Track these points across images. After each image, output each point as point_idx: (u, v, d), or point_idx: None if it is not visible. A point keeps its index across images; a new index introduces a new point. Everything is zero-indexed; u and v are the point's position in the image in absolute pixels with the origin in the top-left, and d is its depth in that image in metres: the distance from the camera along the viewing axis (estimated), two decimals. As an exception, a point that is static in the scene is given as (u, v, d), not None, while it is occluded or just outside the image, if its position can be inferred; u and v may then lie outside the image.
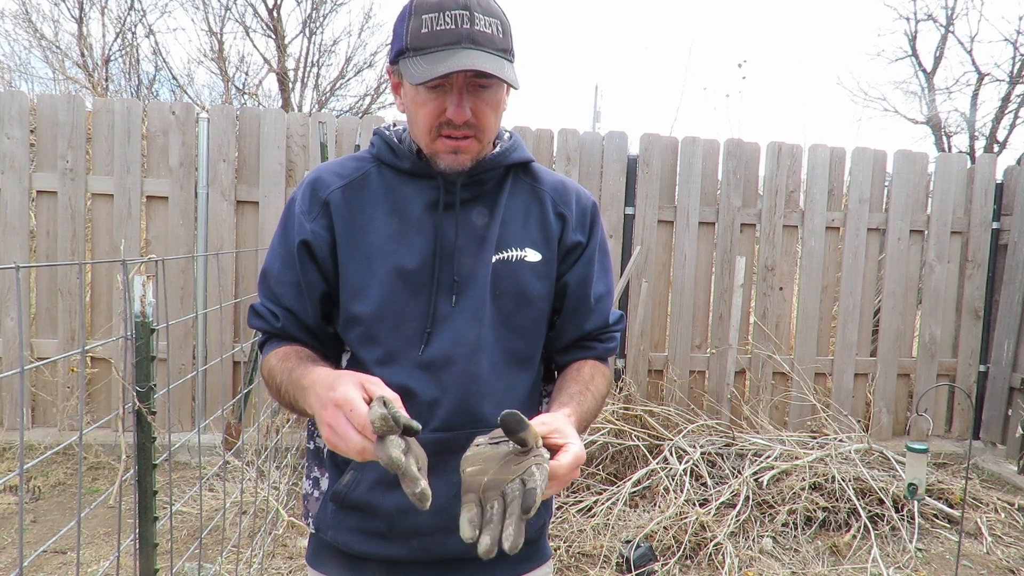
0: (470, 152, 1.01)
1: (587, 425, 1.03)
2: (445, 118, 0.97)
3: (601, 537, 2.92)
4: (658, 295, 4.24)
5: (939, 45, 9.44)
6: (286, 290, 1.05)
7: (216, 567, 2.49)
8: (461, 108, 0.96)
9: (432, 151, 1.02)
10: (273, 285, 1.06)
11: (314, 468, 1.11)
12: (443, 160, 1.01)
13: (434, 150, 1.01)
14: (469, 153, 1.01)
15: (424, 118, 0.99)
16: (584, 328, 1.12)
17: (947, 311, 4.46)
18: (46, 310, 3.83)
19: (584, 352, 1.13)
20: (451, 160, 1.01)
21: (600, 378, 1.11)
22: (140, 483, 1.59)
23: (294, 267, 1.04)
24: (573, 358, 1.13)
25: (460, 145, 0.99)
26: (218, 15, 9.90)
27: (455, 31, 0.93)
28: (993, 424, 4.34)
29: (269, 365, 1.04)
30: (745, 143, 4.24)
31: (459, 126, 0.98)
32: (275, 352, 1.05)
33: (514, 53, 1.02)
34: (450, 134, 0.99)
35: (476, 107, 0.98)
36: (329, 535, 1.07)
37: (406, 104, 1.03)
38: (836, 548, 3.03)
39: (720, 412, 4.00)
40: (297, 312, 1.05)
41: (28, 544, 2.82)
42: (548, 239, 1.08)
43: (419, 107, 0.99)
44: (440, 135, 0.99)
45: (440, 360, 1.01)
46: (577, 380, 1.08)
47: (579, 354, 1.13)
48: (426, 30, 0.94)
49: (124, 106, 3.78)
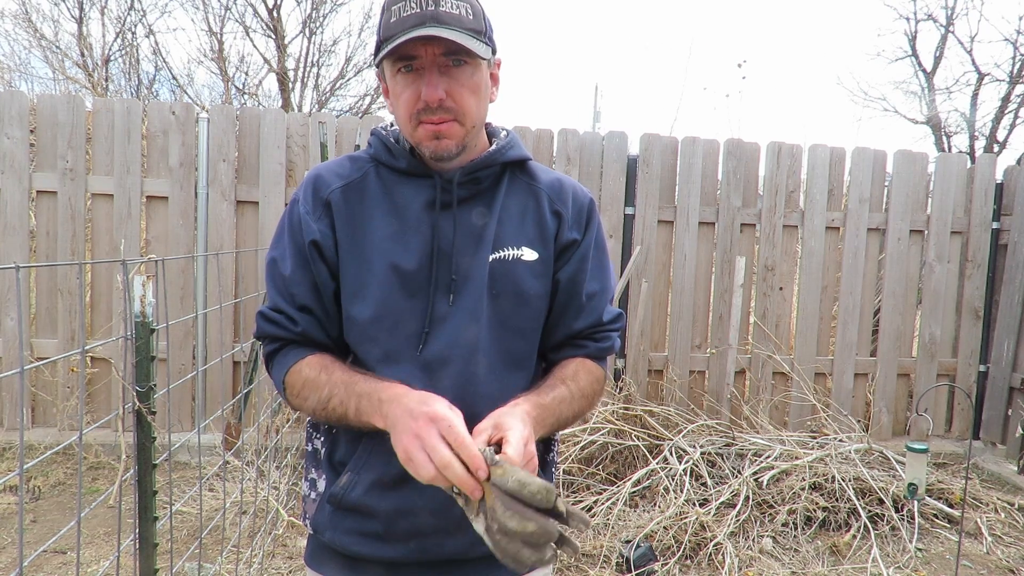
0: (452, 137, 1.00)
1: (556, 417, 1.01)
2: (421, 103, 0.97)
3: (601, 537, 2.92)
4: (658, 295, 4.24)
5: (939, 45, 9.44)
6: (302, 290, 1.03)
7: (216, 567, 2.49)
8: (433, 87, 0.96)
9: (416, 141, 1.01)
10: (288, 286, 1.03)
11: (311, 470, 1.11)
12: (427, 148, 1.00)
13: (417, 139, 1.01)
14: (452, 138, 1.00)
15: (403, 107, 0.99)
16: (574, 326, 1.10)
17: (947, 311, 4.46)
18: (46, 310, 3.83)
19: (575, 350, 1.11)
20: (434, 146, 0.99)
21: (585, 374, 1.09)
22: (140, 483, 1.59)
23: (307, 267, 1.03)
24: (564, 356, 1.11)
25: (440, 129, 0.98)
26: (218, 15, 9.89)
27: (419, 13, 0.94)
28: (993, 424, 4.34)
29: (303, 377, 1.00)
30: (745, 143, 4.24)
31: (435, 109, 0.97)
32: (305, 362, 1.02)
33: (491, 37, 1.02)
34: (428, 119, 0.98)
35: (451, 88, 0.97)
36: (327, 537, 1.07)
37: (390, 99, 1.03)
38: (836, 548, 3.03)
39: (720, 412, 4.00)
40: (316, 312, 1.03)
41: (28, 544, 2.82)
42: (544, 238, 1.08)
43: (398, 97, 1.00)
44: (420, 122, 0.99)
45: (438, 360, 1.01)
46: (554, 375, 1.07)
47: (570, 352, 1.11)
48: (394, 19, 0.96)
49: (124, 106, 3.78)
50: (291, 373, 1.03)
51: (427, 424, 0.83)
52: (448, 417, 0.83)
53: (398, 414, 0.87)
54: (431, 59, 0.96)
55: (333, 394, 0.96)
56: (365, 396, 0.93)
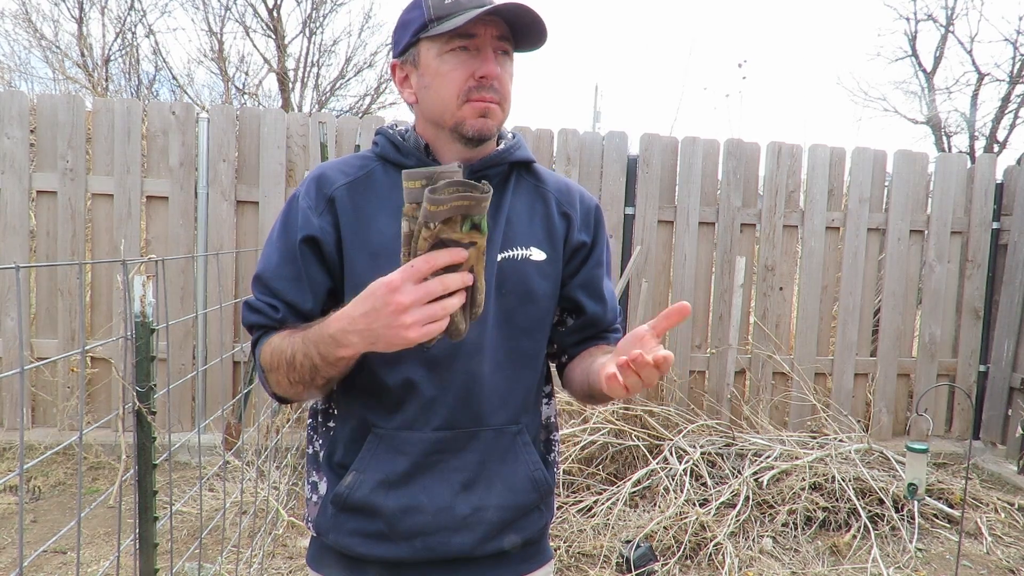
0: (495, 119, 1.00)
1: None
2: (475, 80, 0.97)
3: (601, 537, 2.92)
4: (658, 295, 4.23)
5: (939, 45, 9.45)
6: (285, 284, 1.02)
7: (216, 567, 2.49)
8: (492, 63, 0.97)
9: (458, 119, 1.00)
10: (271, 280, 1.02)
11: (312, 472, 1.11)
12: (471, 126, 0.99)
13: (461, 117, 0.99)
14: (495, 120, 1.00)
15: (451, 84, 0.98)
16: (601, 326, 1.15)
17: (947, 311, 4.46)
18: (46, 310, 3.83)
19: (599, 341, 1.16)
20: (480, 125, 0.99)
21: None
22: (140, 483, 1.59)
23: (295, 262, 1.01)
24: (586, 347, 1.15)
25: (490, 107, 0.98)
26: (218, 15, 9.90)
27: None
28: (993, 424, 4.34)
29: (271, 346, 0.98)
30: (745, 143, 4.24)
31: (488, 87, 0.97)
32: (275, 335, 0.99)
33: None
34: (480, 96, 0.98)
35: (500, 74, 0.98)
36: (330, 538, 1.06)
37: (425, 82, 1.01)
38: (836, 548, 3.03)
39: (720, 412, 4.00)
40: (298, 305, 1.02)
41: (28, 544, 2.82)
42: (553, 238, 1.09)
43: (445, 75, 0.98)
44: (469, 99, 0.98)
45: (443, 358, 1.00)
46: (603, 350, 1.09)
47: (594, 343, 1.15)
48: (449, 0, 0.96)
49: (124, 106, 3.78)
50: (263, 352, 1.00)
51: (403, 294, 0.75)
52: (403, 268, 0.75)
53: (370, 327, 0.80)
54: (488, 39, 0.97)
55: (295, 351, 0.92)
56: (317, 337, 0.89)
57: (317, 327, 0.90)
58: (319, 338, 0.88)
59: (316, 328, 0.90)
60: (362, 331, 0.81)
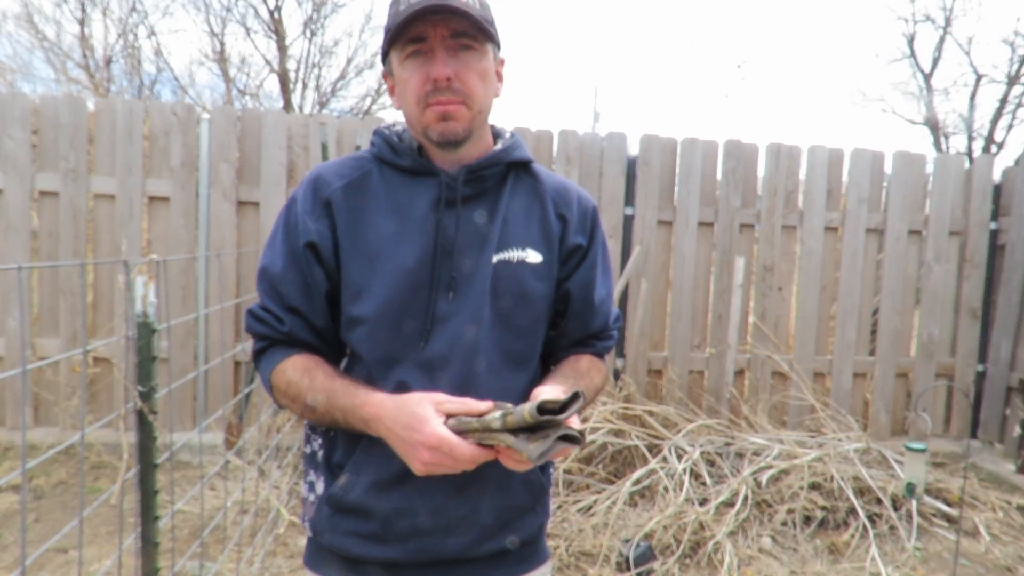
0: (460, 119, 1.00)
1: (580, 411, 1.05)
2: (429, 84, 0.98)
3: (601, 536, 2.93)
4: (657, 295, 4.25)
5: (937, 46, 9.47)
6: (292, 290, 1.02)
7: (217, 566, 2.50)
8: (442, 64, 0.97)
9: (424, 125, 1.01)
10: (277, 285, 1.03)
11: (310, 472, 1.11)
12: (434, 131, 1.00)
13: (425, 123, 1.01)
14: (459, 120, 1.00)
15: (411, 92, 1.00)
16: (588, 331, 1.15)
17: (945, 311, 4.47)
18: (48, 310, 3.84)
19: (584, 348, 1.16)
20: (442, 128, 1.00)
21: (596, 372, 1.15)
22: (142, 482, 1.60)
23: (299, 267, 1.02)
24: (571, 353, 1.16)
25: (448, 110, 0.99)
26: (219, 16, 9.93)
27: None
28: (991, 423, 4.35)
29: (286, 378, 1.02)
30: (744, 144, 4.25)
31: (443, 89, 0.98)
32: (290, 363, 1.02)
33: (495, 29, 1.04)
34: (437, 100, 0.98)
35: (459, 70, 0.98)
36: (326, 539, 1.06)
37: (398, 91, 1.04)
38: (835, 547, 3.04)
39: (719, 412, 4.01)
40: (305, 313, 1.03)
41: (30, 543, 2.83)
42: (549, 240, 1.08)
43: (406, 82, 1.01)
44: (428, 104, 0.99)
45: (438, 359, 1.01)
46: (575, 369, 1.11)
47: (578, 350, 1.16)
48: (403, 6, 0.97)
49: (126, 107, 3.79)
50: (276, 373, 1.03)
51: (433, 454, 0.88)
52: (447, 440, 0.87)
53: (393, 441, 0.93)
54: (439, 40, 0.98)
55: (317, 404, 0.98)
56: (348, 411, 0.96)
57: (347, 397, 0.97)
58: (347, 410, 0.96)
59: (346, 397, 0.97)
60: (387, 434, 0.93)
